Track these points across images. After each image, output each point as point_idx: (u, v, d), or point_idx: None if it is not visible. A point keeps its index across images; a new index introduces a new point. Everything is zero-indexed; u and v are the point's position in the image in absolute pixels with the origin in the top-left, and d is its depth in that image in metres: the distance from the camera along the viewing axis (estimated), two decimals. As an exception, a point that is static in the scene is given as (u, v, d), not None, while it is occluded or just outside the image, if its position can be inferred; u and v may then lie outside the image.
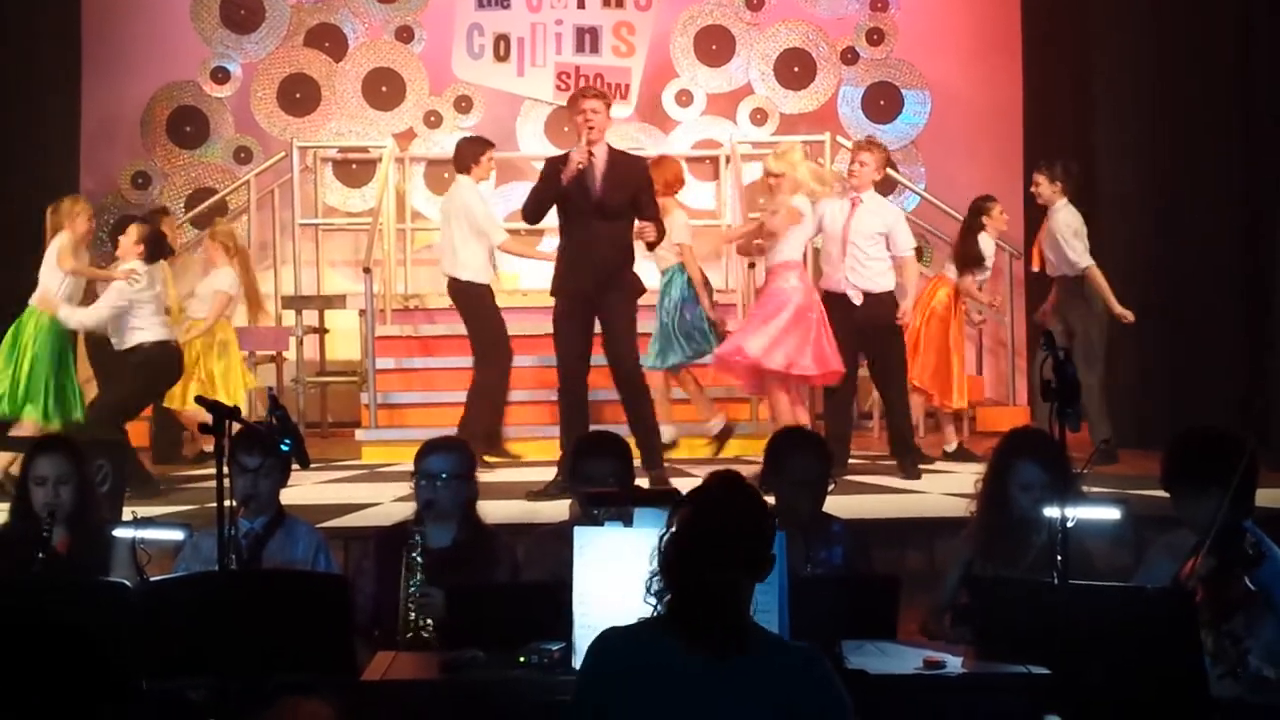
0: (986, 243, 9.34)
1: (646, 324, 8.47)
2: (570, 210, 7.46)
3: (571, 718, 3.03)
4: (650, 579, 2.99)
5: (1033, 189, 9.07)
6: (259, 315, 9.97)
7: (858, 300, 8.11)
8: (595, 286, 7.44)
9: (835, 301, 8.16)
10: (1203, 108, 9.43)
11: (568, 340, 7.51)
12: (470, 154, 8.92)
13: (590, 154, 7.32)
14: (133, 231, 8.12)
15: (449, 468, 4.73)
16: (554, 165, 7.51)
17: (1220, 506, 3.79)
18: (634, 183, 7.47)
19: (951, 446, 9.15)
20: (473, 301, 8.82)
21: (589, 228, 7.44)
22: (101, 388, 8.66)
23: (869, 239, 8.14)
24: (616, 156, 7.53)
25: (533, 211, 7.61)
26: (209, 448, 9.17)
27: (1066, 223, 8.79)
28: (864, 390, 9.36)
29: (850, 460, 8.29)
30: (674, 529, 2.99)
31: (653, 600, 2.98)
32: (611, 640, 3.02)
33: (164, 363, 8.07)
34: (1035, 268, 9.20)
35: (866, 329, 8.13)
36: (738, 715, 2.88)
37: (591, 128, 7.34)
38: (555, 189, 7.39)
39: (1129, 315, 8.74)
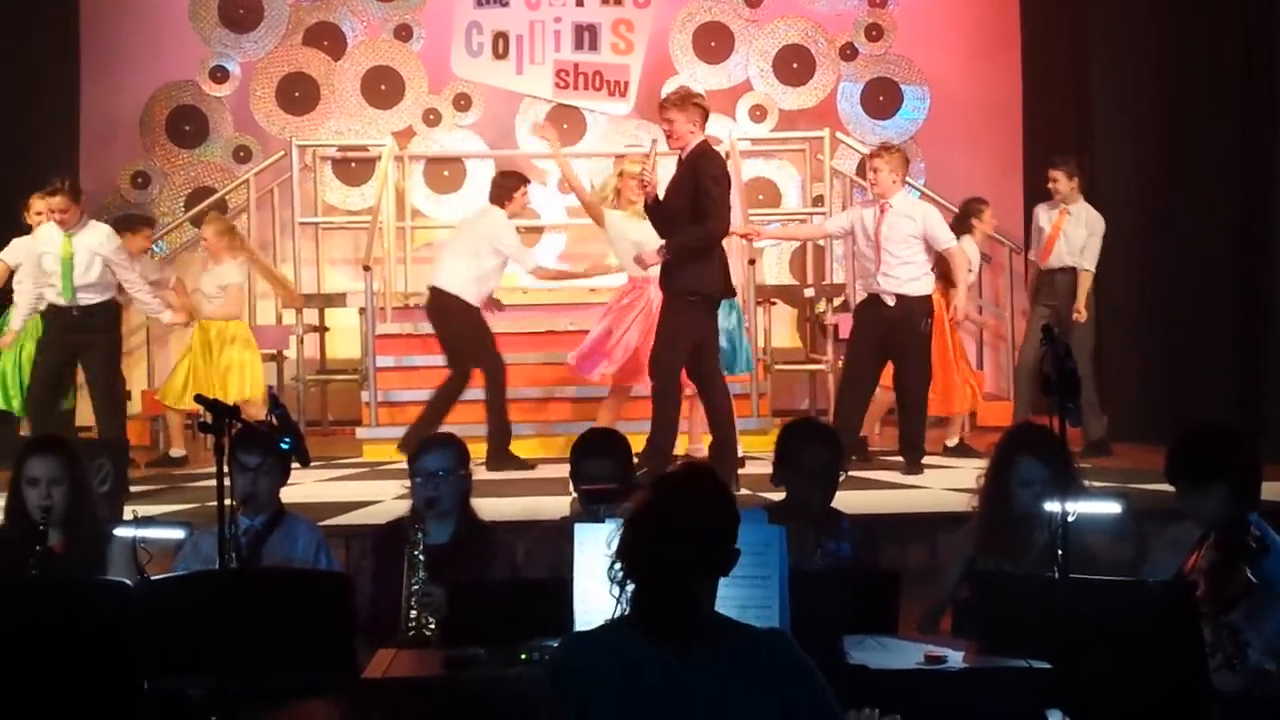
0: (971, 248, 9.23)
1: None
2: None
3: None
4: (610, 564, 2.95)
5: (1050, 185, 9.00)
6: (287, 295, 10.05)
7: (890, 302, 8.13)
8: (665, 288, 7.40)
9: (870, 302, 8.26)
10: (1202, 106, 9.43)
11: None
12: (505, 190, 8.82)
13: (648, 172, 7.29)
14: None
15: (447, 464, 4.74)
16: None
17: (1224, 500, 3.79)
18: (692, 183, 7.25)
19: (953, 441, 9.14)
20: (448, 313, 8.76)
21: (660, 232, 7.45)
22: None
23: (900, 243, 8.11)
24: (690, 157, 7.29)
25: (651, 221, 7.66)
26: (176, 452, 9.23)
27: (1101, 220, 8.90)
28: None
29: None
30: (634, 512, 2.95)
31: (615, 591, 2.94)
32: (577, 644, 3.00)
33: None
34: (1045, 263, 9.08)
35: (894, 329, 8.13)
36: (709, 708, 2.85)
37: (669, 137, 7.33)
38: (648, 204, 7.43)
39: (1084, 315, 8.82)
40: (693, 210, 7.21)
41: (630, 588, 2.91)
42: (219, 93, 11.50)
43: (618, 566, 2.92)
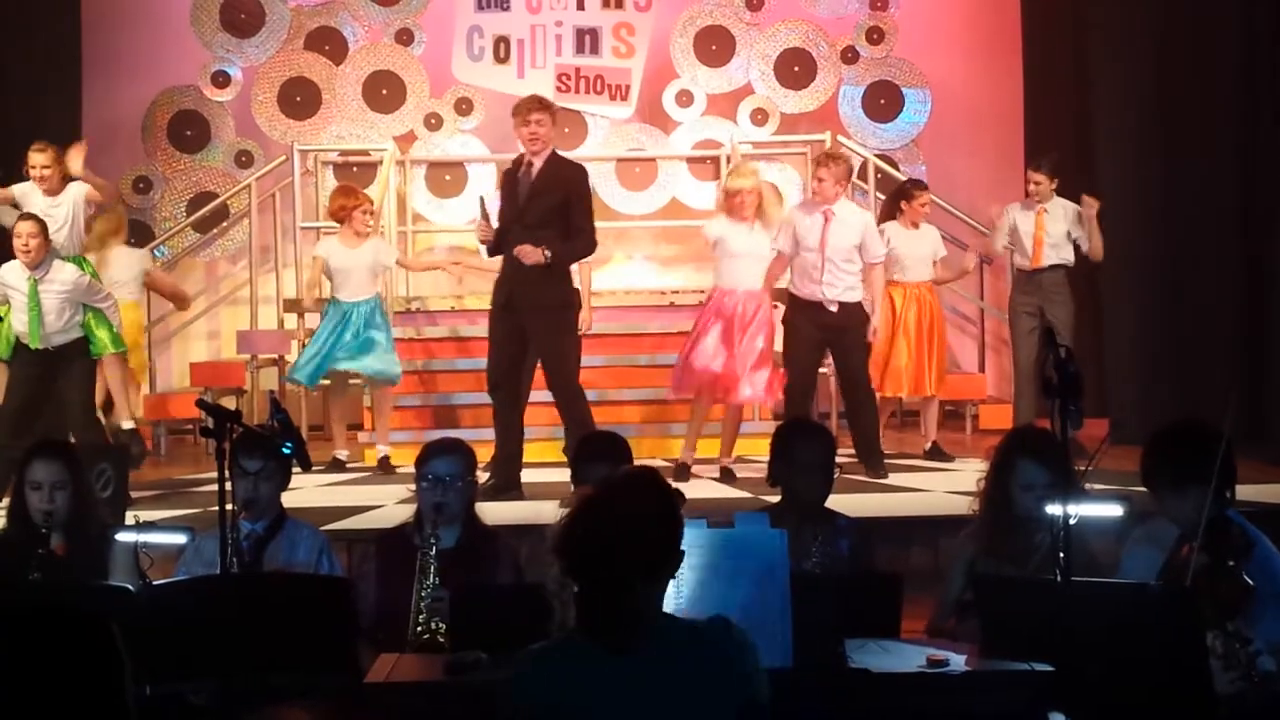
0: (897, 232, 9.02)
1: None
2: (502, 219, 7.60)
3: None
4: (551, 567, 2.93)
5: (1032, 187, 9.05)
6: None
7: (833, 309, 8.12)
8: (517, 298, 7.48)
9: (808, 307, 8.18)
10: (1202, 104, 9.44)
11: (491, 347, 7.67)
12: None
13: (490, 235, 7.52)
14: None
15: (457, 469, 4.73)
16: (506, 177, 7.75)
17: (1203, 501, 3.77)
18: (560, 191, 7.44)
19: (928, 445, 9.13)
20: None
21: (513, 237, 7.48)
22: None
23: (844, 252, 8.11)
24: (551, 165, 7.51)
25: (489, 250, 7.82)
26: (126, 423, 8.98)
27: (1073, 205, 8.93)
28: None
29: (844, 459, 8.33)
30: (570, 516, 2.90)
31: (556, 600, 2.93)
32: (531, 661, 2.93)
33: None
34: (1038, 264, 9.08)
35: (835, 333, 8.14)
36: (657, 709, 2.82)
37: (535, 139, 7.48)
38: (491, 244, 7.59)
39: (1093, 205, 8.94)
40: (560, 218, 7.43)
41: (573, 591, 2.87)
42: (220, 97, 11.50)
43: (556, 573, 2.91)
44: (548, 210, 7.43)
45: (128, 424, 8.19)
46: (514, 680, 2.92)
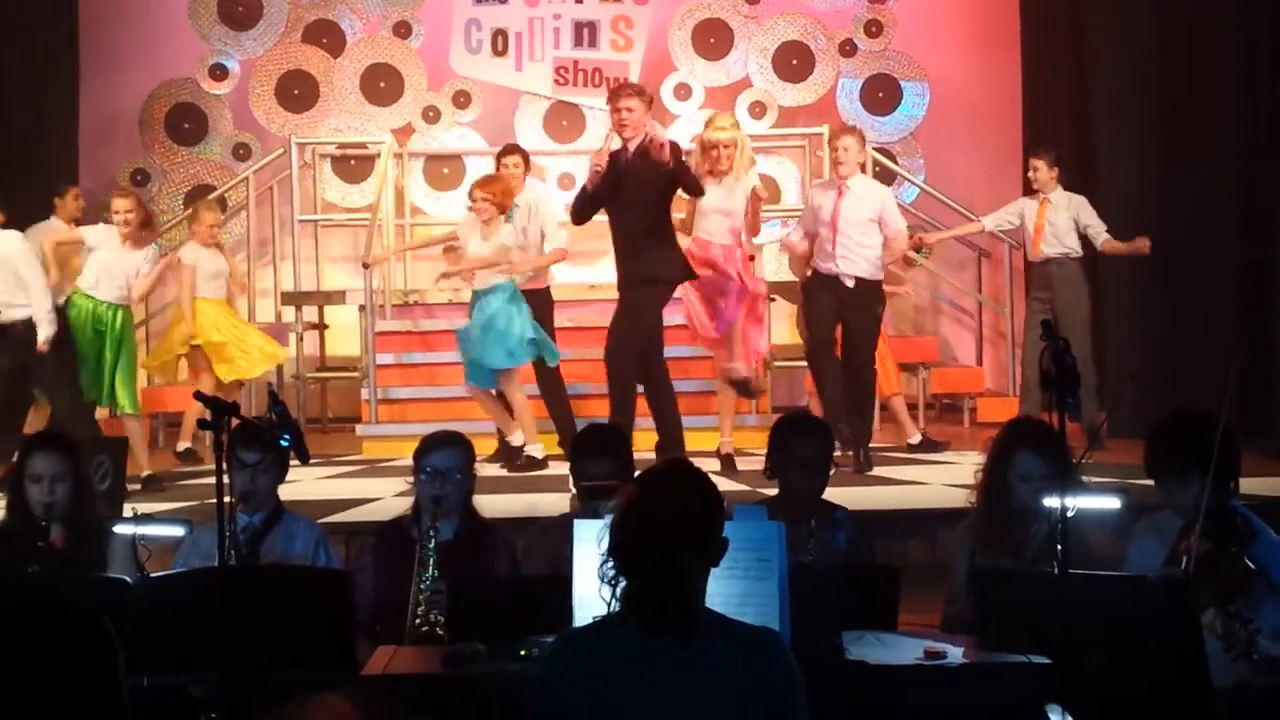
0: None
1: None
2: (600, 190, 7.60)
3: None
4: (601, 565, 2.96)
5: (1030, 174, 9.08)
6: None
7: (850, 284, 8.12)
8: (628, 276, 7.66)
9: (825, 280, 8.19)
10: (1203, 101, 9.43)
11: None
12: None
13: (605, 161, 7.49)
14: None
15: (456, 463, 4.73)
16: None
17: (1204, 490, 3.78)
18: (656, 172, 7.47)
19: (915, 439, 9.11)
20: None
21: (622, 222, 7.63)
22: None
23: (858, 226, 8.10)
24: (644, 149, 7.51)
25: (576, 211, 7.82)
26: (182, 445, 9.08)
27: (1085, 201, 8.91)
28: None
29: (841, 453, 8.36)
30: (619, 511, 2.98)
31: (607, 592, 2.95)
32: (570, 643, 3.00)
33: None
34: (1035, 255, 9.09)
35: (849, 310, 8.13)
36: (699, 698, 2.86)
37: (625, 126, 7.49)
38: (593, 191, 7.60)
39: (1146, 243, 8.82)
40: (663, 199, 7.58)
41: (622, 585, 2.92)
42: (218, 90, 11.49)
43: (609, 565, 2.94)
44: (647, 194, 7.53)
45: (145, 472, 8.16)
46: (548, 662, 2.98)
